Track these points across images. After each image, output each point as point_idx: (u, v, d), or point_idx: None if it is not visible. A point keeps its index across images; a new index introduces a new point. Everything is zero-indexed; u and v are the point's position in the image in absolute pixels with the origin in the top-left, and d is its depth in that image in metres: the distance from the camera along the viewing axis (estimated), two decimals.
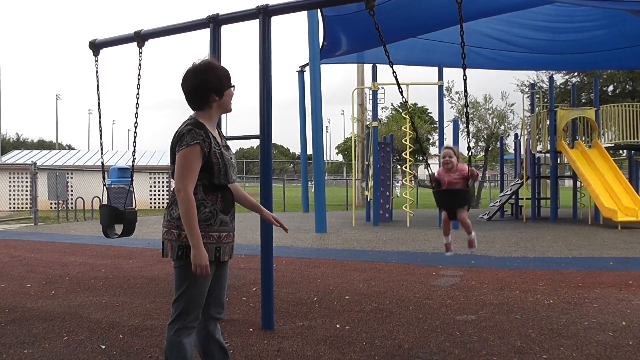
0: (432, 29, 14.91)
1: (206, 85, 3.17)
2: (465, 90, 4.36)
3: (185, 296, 3.12)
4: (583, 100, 29.17)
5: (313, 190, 16.34)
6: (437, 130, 18.77)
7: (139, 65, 5.04)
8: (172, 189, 3.25)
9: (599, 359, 4.24)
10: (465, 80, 4.34)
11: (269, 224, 4.31)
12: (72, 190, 24.97)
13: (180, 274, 3.13)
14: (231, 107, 3.32)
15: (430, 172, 4.84)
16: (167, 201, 3.26)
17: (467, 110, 4.67)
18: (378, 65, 16.83)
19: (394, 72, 4.18)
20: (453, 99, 29.20)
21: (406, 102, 4.64)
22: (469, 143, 4.48)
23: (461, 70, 4.25)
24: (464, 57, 4.04)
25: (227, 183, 3.22)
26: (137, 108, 5.03)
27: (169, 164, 3.25)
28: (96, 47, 5.68)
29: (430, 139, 45.23)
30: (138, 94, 4.99)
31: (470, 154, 4.57)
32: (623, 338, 4.78)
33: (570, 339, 4.75)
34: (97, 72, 5.49)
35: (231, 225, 3.26)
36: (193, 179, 3.03)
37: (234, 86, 3.32)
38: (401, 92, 4.29)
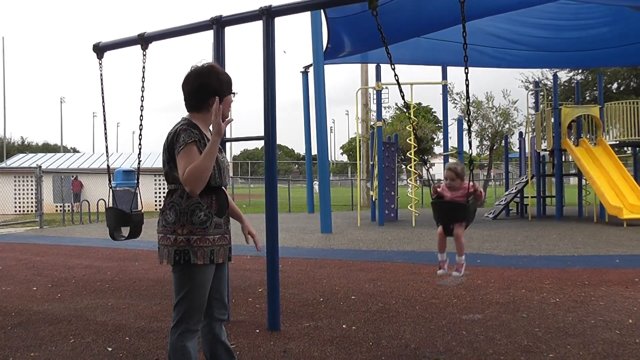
0: (436, 29, 14.93)
1: (206, 89, 3.17)
2: (468, 97, 4.25)
3: (186, 300, 3.10)
4: (587, 98, 29.11)
5: (318, 190, 16.35)
6: (442, 129, 18.76)
7: (143, 67, 5.04)
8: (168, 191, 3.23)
9: (606, 357, 4.23)
10: (467, 85, 4.24)
11: (270, 227, 4.33)
12: (82, 186, 25.17)
13: (180, 279, 3.12)
14: (229, 114, 3.28)
15: (433, 183, 4.77)
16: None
17: (468, 109, 4.55)
18: (382, 65, 16.82)
19: (395, 75, 4.15)
20: (455, 100, 29.17)
21: (406, 104, 4.54)
22: (470, 144, 4.32)
23: (464, 69, 4.16)
24: (466, 60, 3.99)
25: (222, 184, 3.21)
26: (141, 110, 5.02)
27: (162, 166, 3.23)
28: (100, 50, 5.69)
29: (434, 138, 45.12)
30: (142, 96, 4.99)
31: (471, 154, 4.36)
32: (630, 336, 4.76)
33: (577, 337, 4.74)
34: (101, 74, 5.49)
35: (225, 227, 3.23)
36: None
37: (234, 94, 3.30)
38: (403, 96, 4.26)
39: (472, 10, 12.20)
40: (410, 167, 17.52)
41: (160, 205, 26.12)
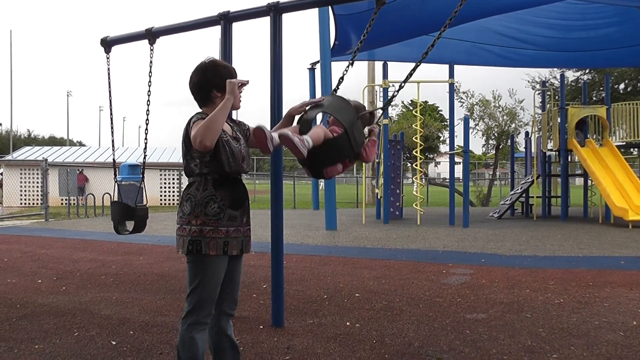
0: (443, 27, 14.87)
1: (208, 82, 3.24)
2: (398, 90, 4.06)
3: (197, 291, 3.15)
4: (594, 98, 29.01)
5: (323, 187, 16.33)
6: (448, 128, 18.74)
7: (151, 62, 5.03)
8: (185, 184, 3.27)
9: (610, 359, 4.22)
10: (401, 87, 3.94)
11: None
12: (87, 180, 25.25)
13: (193, 268, 3.18)
14: (239, 103, 3.28)
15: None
16: (179, 198, 3.28)
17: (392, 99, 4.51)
18: (389, 63, 16.79)
19: (348, 67, 4.10)
20: (462, 99, 29.15)
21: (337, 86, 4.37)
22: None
23: (471, 67, 4.12)
24: (424, 57, 3.83)
25: (239, 171, 3.24)
26: (148, 105, 5.02)
27: (181, 160, 3.28)
28: (108, 44, 5.69)
29: (440, 137, 45.08)
30: (149, 91, 4.99)
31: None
32: (634, 338, 4.75)
33: (581, 339, 4.73)
34: (108, 69, 5.49)
35: (241, 219, 3.27)
36: None
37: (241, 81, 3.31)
38: (340, 85, 4.12)
39: (480, 9, 12.18)
40: (416, 165, 17.49)
41: (165, 199, 26.21)
